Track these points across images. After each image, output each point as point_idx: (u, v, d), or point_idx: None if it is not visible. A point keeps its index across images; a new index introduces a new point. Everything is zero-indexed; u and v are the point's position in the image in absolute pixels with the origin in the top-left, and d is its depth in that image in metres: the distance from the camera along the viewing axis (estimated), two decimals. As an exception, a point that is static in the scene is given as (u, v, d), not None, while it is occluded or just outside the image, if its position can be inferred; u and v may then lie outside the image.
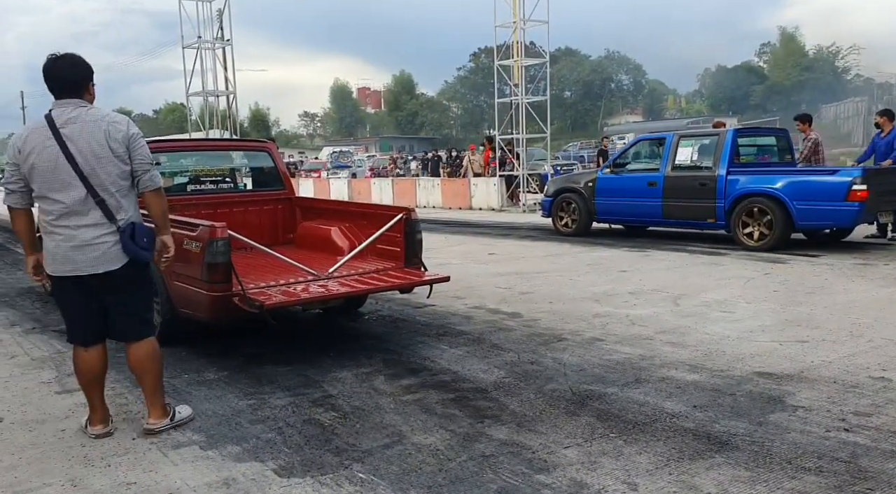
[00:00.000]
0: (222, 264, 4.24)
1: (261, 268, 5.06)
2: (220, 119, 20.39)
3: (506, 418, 3.46)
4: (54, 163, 3.07)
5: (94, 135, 3.11)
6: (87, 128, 3.10)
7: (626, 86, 76.57)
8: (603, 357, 4.41)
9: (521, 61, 15.90)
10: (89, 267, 3.15)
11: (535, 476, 2.83)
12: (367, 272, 5.06)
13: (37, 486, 2.86)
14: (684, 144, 9.35)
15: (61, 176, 3.08)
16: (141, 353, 3.37)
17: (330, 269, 4.94)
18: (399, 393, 3.89)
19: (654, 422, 3.32)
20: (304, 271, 4.85)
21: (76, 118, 3.11)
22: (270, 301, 4.23)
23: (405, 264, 5.19)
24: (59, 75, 3.13)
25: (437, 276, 5.04)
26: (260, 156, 7.22)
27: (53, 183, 3.09)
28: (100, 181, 3.11)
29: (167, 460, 3.09)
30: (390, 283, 4.88)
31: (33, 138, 3.09)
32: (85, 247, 3.13)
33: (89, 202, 3.12)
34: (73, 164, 3.07)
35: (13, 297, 7.14)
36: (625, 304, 5.87)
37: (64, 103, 3.13)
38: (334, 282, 4.79)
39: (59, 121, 3.09)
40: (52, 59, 3.14)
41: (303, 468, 2.97)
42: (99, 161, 3.10)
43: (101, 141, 3.11)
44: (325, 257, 5.40)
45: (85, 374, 3.34)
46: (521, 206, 16.13)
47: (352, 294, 4.77)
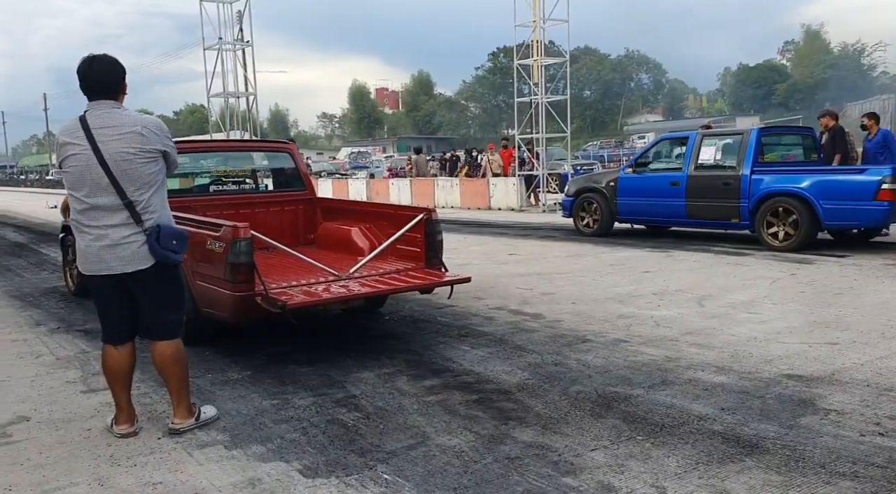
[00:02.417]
0: (245, 264, 4.25)
1: (282, 268, 5.07)
2: (239, 120, 20.54)
3: (530, 420, 3.43)
4: (86, 164, 3.10)
5: (127, 137, 3.13)
6: (120, 130, 3.13)
7: (646, 85, 75.97)
8: (628, 358, 4.36)
9: (542, 60, 15.80)
10: (120, 266, 3.18)
11: (561, 478, 2.79)
12: (388, 272, 5.05)
13: (64, 485, 2.88)
14: (707, 143, 9.23)
15: (92, 177, 3.11)
16: (166, 353, 3.38)
17: (351, 270, 4.94)
18: (422, 393, 3.87)
19: (681, 425, 3.27)
20: (326, 271, 4.85)
21: (110, 120, 3.14)
22: (293, 301, 4.23)
23: (426, 265, 5.17)
24: (95, 77, 3.16)
25: (458, 277, 5.02)
26: (281, 156, 7.25)
27: (85, 183, 3.12)
28: (129, 182, 3.14)
29: (192, 460, 3.10)
30: (411, 284, 4.87)
31: (67, 139, 3.14)
32: (115, 247, 3.16)
33: (118, 203, 3.14)
34: (103, 166, 3.09)
35: (38, 297, 7.23)
36: (649, 305, 5.80)
37: (98, 105, 3.16)
38: (355, 283, 4.78)
39: (93, 122, 3.12)
40: (87, 61, 3.17)
41: (327, 468, 2.96)
42: (129, 163, 3.13)
43: (133, 142, 3.13)
44: (346, 257, 5.40)
45: (113, 372, 3.37)
46: (541, 206, 16.05)
47: (373, 294, 4.76)
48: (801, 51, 64.57)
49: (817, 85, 57.85)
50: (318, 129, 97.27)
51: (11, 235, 14.85)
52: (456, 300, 5.87)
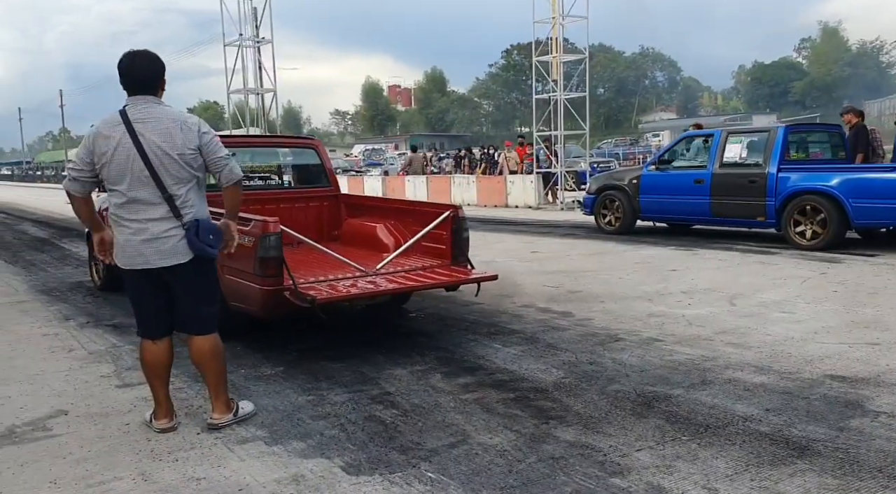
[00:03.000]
0: (274, 258, 4.25)
1: (308, 264, 5.06)
2: (254, 117, 20.59)
3: (571, 419, 3.39)
4: (127, 158, 3.10)
5: (167, 132, 3.13)
6: (160, 125, 3.13)
7: (661, 83, 75.52)
8: (664, 357, 4.31)
9: (560, 57, 15.72)
10: (159, 260, 3.18)
11: (609, 479, 2.75)
12: (414, 269, 5.03)
13: (108, 479, 2.87)
14: (733, 141, 9.13)
15: (133, 171, 3.10)
16: (204, 348, 3.37)
17: (378, 266, 4.92)
18: (457, 391, 3.84)
19: (726, 426, 3.22)
20: (352, 267, 4.84)
21: (150, 115, 3.13)
22: (322, 296, 4.22)
23: (452, 262, 5.14)
24: (136, 72, 3.16)
25: (484, 274, 4.99)
26: (307, 153, 7.24)
27: (125, 177, 3.12)
28: (169, 177, 3.14)
29: (233, 455, 3.08)
30: (437, 281, 4.84)
31: (108, 133, 3.11)
32: (154, 241, 3.16)
33: (158, 197, 3.14)
34: (144, 160, 3.09)
35: (64, 291, 7.27)
36: (679, 304, 5.74)
37: (138, 100, 3.16)
38: (382, 279, 4.76)
39: (134, 116, 3.12)
40: (128, 56, 3.17)
41: (370, 466, 2.94)
42: (169, 158, 3.12)
43: (173, 138, 3.13)
44: (371, 254, 5.38)
45: (151, 367, 3.36)
46: (559, 204, 15.97)
47: (399, 290, 4.74)
48: (819, 48, 63.92)
49: (835, 83, 57.28)
50: (330, 126, 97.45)
51: (32, 230, 14.98)
52: (482, 297, 5.82)
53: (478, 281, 4.94)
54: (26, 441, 3.29)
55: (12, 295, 7.16)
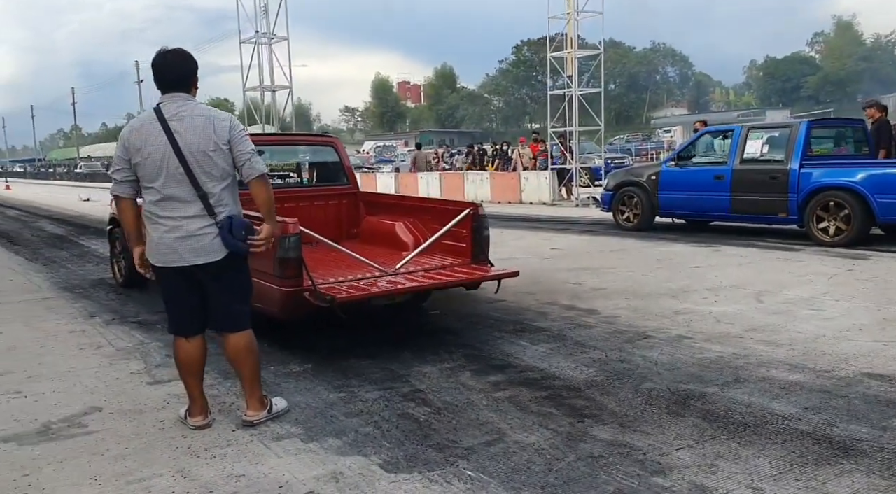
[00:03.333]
0: (294, 259, 4.24)
1: (327, 263, 5.04)
2: (265, 114, 20.61)
3: (606, 418, 3.36)
4: (162, 155, 3.10)
5: (201, 129, 3.13)
6: (194, 122, 3.13)
7: (672, 78, 75.09)
8: (695, 355, 4.27)
9: (575, 53, 15.64)
10: (193, 257, 3.17)
11: (651, 478, 2.73)
12: (434, 267, 5.01)
13: (147, 476, 2.88)
14: (753, 137, 9.05)
15: (168, 168, 3.11)
16: (240, 344, 3.36)
17: (397, 265, 4.90)
18: (489, 389, 3.82)
19: (765, 424, 3.19)
20: (371, 266, 4.83)
21: (184, 112, 3.14)
22: (341, 295, 4.21)
23: (471, 260, 5.11)
24: (169, 70, 3.17)
25: (505, 271, 4.95)
26: (325, 150, 7.22)
27: (160, 174, 3.12)
28: (204, 175, 3.14)
29: (270, 452, 3.08)
30: (458, 279, 4.82)
31: (143, 131, 3.13)
32: (189, 238, 3.15)
33: (193, 194, 3.14)
34: (179, 157, 3.09)
35: (87, 288, 7.30)
36: (705, 301, 5.70)
37: (171, 97, 3.16)
38: (402, 278, 4.74)
39: (168, 114, 3.13)
40: (161, 54, 3.18)
41: (408, 463, 2.93)
42: (204, 155, 3.12)
43: (207, 135, 3.13)
44: (390, 252, 5.36)
45: (186, 365, 3.36)
46: (574, 200, 15.91)
47: (420, 289, 4.71)
48: (832, 42, 63.37)
49: (849, 77, 56.75)
50: (340, 123, 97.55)
51: (50, 227, 15.06)
52: (504, 295, 5.81)
53: (499, 279, 4.91)
54: (63, 437, 3.30)
55: (36, 291, 7.20)
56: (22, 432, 3.38)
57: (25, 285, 7.61)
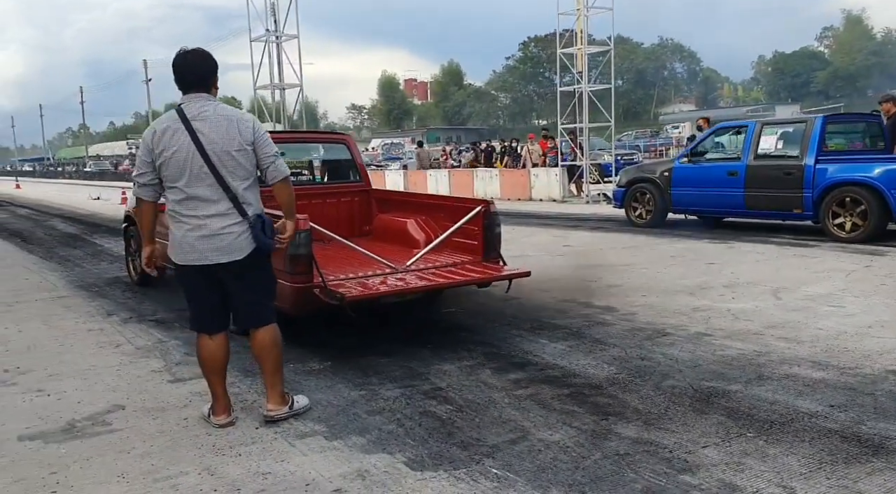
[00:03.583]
0: (304, 256, 4.24)
1: (339, 260, 5.04)
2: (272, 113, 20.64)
3: (630, 415, 3.35)
4: (186, 155, 3.11)
5: (225, 129, 3.16)
6: (217, 122, 3.15)
7: (680, 74, 74.74)
8: (715, 352, 4.25)
9: (585, 49, 15.58)
10: (216, 256, 3.18)
11: (679, 476, 2.71)
12: (445, 265, 4.99)
13: (174, 473, 2.88)
14: (768, 132, 8.99)
15: (193, 167, 3.12)
16: (266, 338, 3.38)
17: (408, 262, 4.90)
18: (510, 387, 3.82)
19: (791, 422, 3.17)
20: (382, 264, 4.82)
21: (206, 112, 3.15)
22: (351, 293, 4.22)
23: (483, 258, 5.10)
24: (190, 69, 3.18)
25: (517, 271, 4.93)
26: (337, 148, 7.23)
27: (184, 173, 3.13)
28: (228, 174, 3.16)
29: (295, 450, 3.09)
30: (469, 277, 4.80)
31: (166, 131, 3.14)
32: (212, 237, 3.16)
33: (219, 193, 3.16)
34: (203, 157, 3.11)
35: (102, 287, 7.33)
36: (722, 298, 5.67)
37: (193, 97, 3.18)
38: (412, 275, 4.74)
39: (191, 114, 3.14)
40: (182, 54, 3.19)
41: (433, 461, 2.93)
42: (228, 154, 3.15)
43: (231, 135, 3.15)
44: (402, 250, 5.35)
45: (208, 363, 3.36)
46: (585, 197, 15.87)
47: (430, 288, 4.69)
48: (842, 37, 62.91)
49: (859, 72, 56.35)
50: (347, 121, 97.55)
51: (62, 226, 15.12)
52: (520, 292, 5.80)
53: (510, 278, 4.89)
54: (88, 435, 3.32)
55: (52, 290, 7.24)
56: (47, 430, 3.40)
57: (41, 284, 7.65)
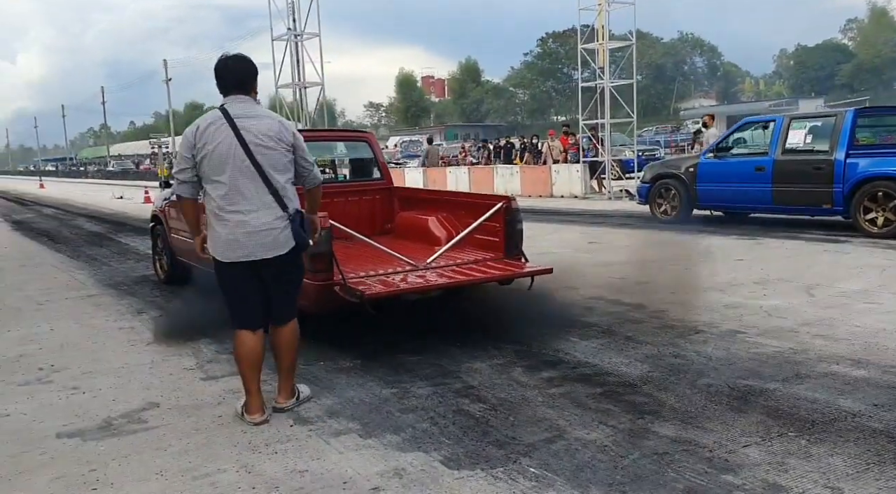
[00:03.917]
0: (325, 254, 4.25)
1: (359, 258, 5.03)
2: (297, 110, 20.75)
3: (667, 414, 3.31)
4: (228, 148, 3.18)
5: (267, 126, 3.23)
6: (261, 122, 3.25)
7: (700, 68, 73.86)
8: (750, 350, 4.19)
9: (606, 44, 15.45)
10: (262, 251, 3.24)
11: (721, 475, 2.67)
12: (466, 262, 4.97)
13: (212, 471, 2.89)
14: (796, 127, 8.86)
15: (235, 160, 3.17)
16: (290, 333, 3.45)
17: (428, 259, 4.88)
18: (543, 385, 3.79)
19: (834, 422, 3.11)
20: (402, 261, 4.81)
21: (250, 112, 3.24)
22: (370, 291, 4.23)
23: (505, 255, 5.07)
24: (229, 73, 3.27)
25: (538, 268, 4.88)
26: (359, 146, 7.23)
27: (227, 166, 3.18)
28: (271, 168, 3.22)
29: (330, 448, 3.08)
30: (490, 274, 4.77)
31: (210, 128, 3.20)
32: (257, 233, 3.23)
33: (262, 189, 3.22)
34: (246, 151, 3.16)
35: (131, 285, 7.40)
36: (753, 295, 5.59)
37: (235, 99, 3.26)
38: (433, 273, 4.73)
39: (234, 112, 3.22)
40: (224, 59, 3.30)
41: (470, 460, 2.91)
42: (271, 152, 3.22)
43: (274, 135, 3.23)
44: (424, 247, 5.33)
45: (248, 359, 3.38)
46: (607, 193, 15.76)
47: (450, 285, 4.67)
48: (867, 29, 61.76)
49: (885, 65, 55.32)
50: (364, 119, 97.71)
51: (87, 225, 15.32)
52: (548, 289, 5.72)
53: (532, 275, 4.84)
54: (125, 433, 3.34)
55: (81, 289, 7.32)
56: (84, 427, 3.43)
57: (70, 282, 7.74)
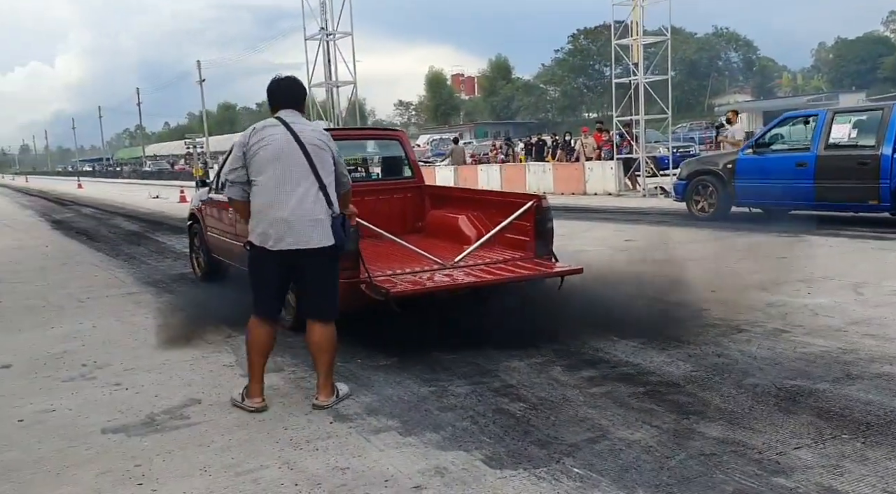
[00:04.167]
0: (351, 252, 4.25)
1: (387, 257, 5.02)
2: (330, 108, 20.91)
3: (712, 414, 3.23)
4: (282, 144, 3.42)
5: (319, 133, 3.58)
6: (312, 126, 3.59)
7: (735, 63, 72.48)
8: (796, 350, 4.08)
9: (641, 40, 15.24)
10: (304, 241, 3.39)
11: (772, 478, 2.60)
12: (495, 262, 4.92)
13: (255, 467, 2.91)
14: (839, 121, 8.62)
15: (291, 159, 3.42)
16: (328, 333, 3.55)
17: (456, 258, 4.84)
18: (583, 385, 3.73)
19: (890, 424, 3.00)
20: (430, 260, 4.79)
21: (302, 121, 3.57)
22: (395, 289, 4.22)
23: (535, 254, 5.01)
24: (286, 92, 3.62)
25: (568, 267, 4.81)
26: (391, 144, 7.23)
27: (280, 159, 3.41)
28: (321, 167, 3.47)
29: (371, 445, 3.08)
30: (517, 274, 4.72)
31: (266, 130, 3.48)
32: (299, 223, 3.38)
33: (313, 186, 3.44)
34: (301, 147, 3.43)
35: (169, 283, 7.51)
36: (798, 293, 5.45)
37: (288, 112, 3.57)
38: (460, 272, 4.71)
39: (288, 119, 3.51)
40: (277, 80, 3.66)
41: (512, 460, 2.87)
42: (322, 152, 3.50)
43: (323, 142, 3.53)
44: (454, 246, 5.30)
45: (258, 345, 3.55)
46: (641, 191, 15.55)
47: (477, 284, 4.63)
48: (910, 21, 59.93)
49: (929, 57, 53.64)
50: (394, 118, 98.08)
51: (125, 224, 15.63)
52: (584, 288, 5.65)
53: (561, 275, 4.77)
54: (168, 429, 3.38)
55: (122, 286, 7.45)
56: (128, 423, 3.48)
57: (110, 280, 7.89)
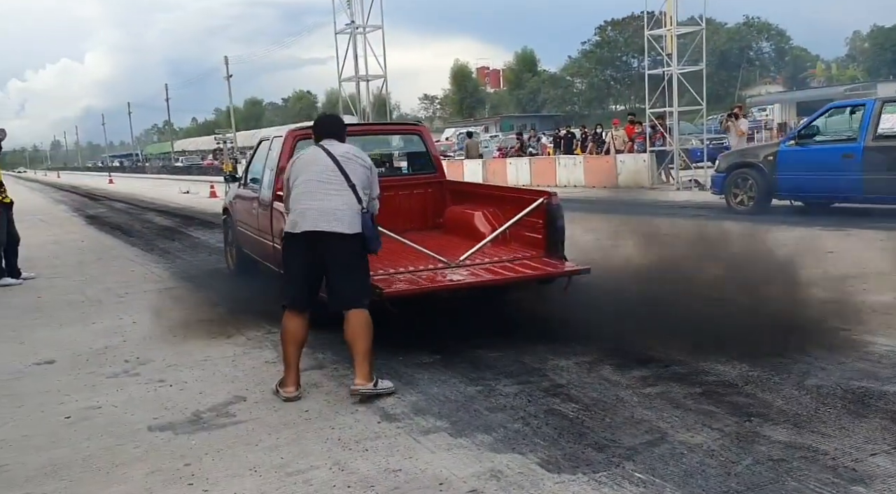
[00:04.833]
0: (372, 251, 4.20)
1: (396, 254, 4.91)
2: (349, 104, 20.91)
3: (775, 417, 3.10)
4: (317, 156, 3.78)
5: (355, 151, 3.89)
6: (350, 147, 3.90)
7: (767, 54, 70.99)
8: (859, 349, 3.91)
9: (674, 30, 14.93)
10: (328, 225, 3.56)
11: (850, 486, 2.46)
12: (500, 261, 4.81)
13: (305, 468, 2.85)
14: (889, 110, 8.33)
15: (321, 160, 3.75)
16: (361, 320, 3.61)
17: (460, 257, 4.74)
18: (636, 385, 3.61)
19: (970, 430, 2.84)
20: (435, 259, 4.72)
21: (339, 146, 3.86)
22: (390, 288, 4.15)
23: (546, 252, 4.90)
24: (325, 127, 3.99)
25: (575, 267, 4.68)
26: (413, 139, 7.13)
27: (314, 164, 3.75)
28: (352, 173, 3.72)
29: (421, 446, 3.00)
30: (522, 274, 4.62)
31: (307, 155, 3.88)
32: (329, 211, 3.61)
33: (341, 182, 3.69)
34: (333, 159, 3.73)
35: (205, 278, 7.50)
36: (853, 289, 5.25)
37: (329, 141, 3.88)
38: (462, 271, 4.61)
39: (328, 146, 3.83)
40: (322, 116, 4.19)
41: (569, 463, 2.78)
42: (352, 162, 3.77)
43: (356, 153, 3.85)
44: (469, 243, 5.17)
45: (292, 335, 3.66)
46: (674, 183, 15.27)
47: (480, 284, 4.53)
48: (950, 7, 58.11)
49: (970, 44, 51.99)
50: (419, 111, 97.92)
51: (157, 219, 15.78)
52: (626, 284, 5.51)
53: (568, 275, 4.65)
54: (215, 427, 3.34)
55: (158, 281, 7.48)
56: (175, 420, 3.45)
57: (147, 275, 7.93)
